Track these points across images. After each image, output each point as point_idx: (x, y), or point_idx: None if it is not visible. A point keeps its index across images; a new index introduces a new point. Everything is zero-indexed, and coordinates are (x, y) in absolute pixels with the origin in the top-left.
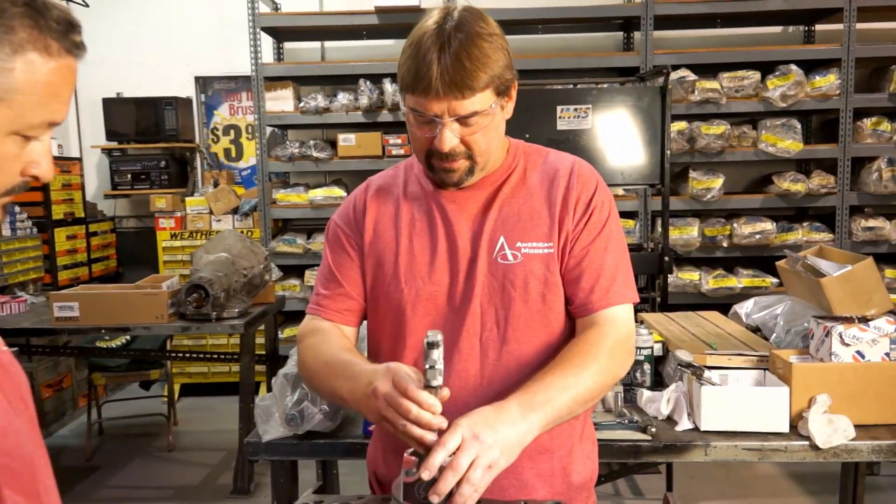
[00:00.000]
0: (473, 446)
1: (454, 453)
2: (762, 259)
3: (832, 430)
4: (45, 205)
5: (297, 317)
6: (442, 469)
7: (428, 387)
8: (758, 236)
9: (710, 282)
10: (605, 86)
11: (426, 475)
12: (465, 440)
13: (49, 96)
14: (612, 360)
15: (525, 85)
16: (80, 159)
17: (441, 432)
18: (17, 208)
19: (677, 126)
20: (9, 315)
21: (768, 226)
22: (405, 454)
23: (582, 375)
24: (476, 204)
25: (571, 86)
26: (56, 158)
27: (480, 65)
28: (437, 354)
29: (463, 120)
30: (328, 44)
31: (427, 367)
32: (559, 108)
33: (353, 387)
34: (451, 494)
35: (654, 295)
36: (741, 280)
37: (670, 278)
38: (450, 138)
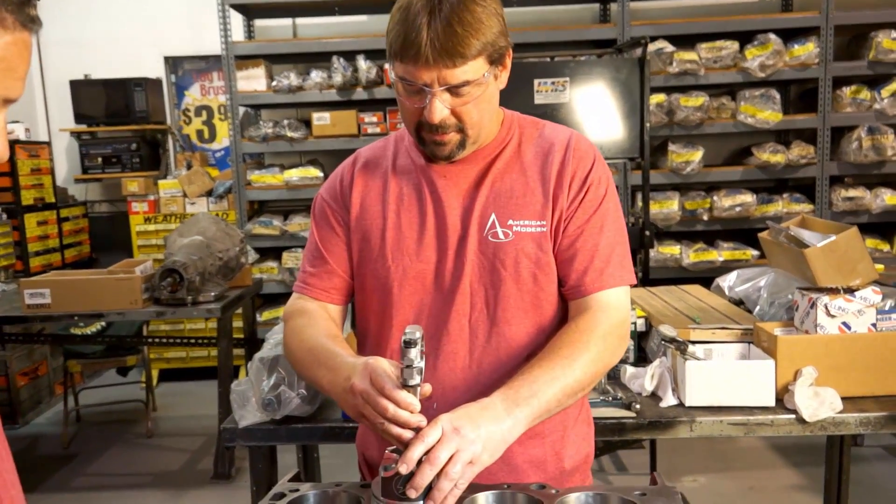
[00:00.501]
0: (454, 440)
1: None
2: (743, 231)
3: (818, 403)
4: (14, 190)
5: (275, 299)
6: (421, 464)
7: (406, 386)
8: (738, 209)
9: (690, 255)
10: (583, 58)
11: (404, 469)
12: (445, 434)
13: (3, 71)
14: (604, 348)
15: None
16: (48, 143)
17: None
18: None
19: (656, 98)
20: None
21: (748, 198)
22: (386, 451)
23: (571, 367)
24: (467, 179)
25: (548, 59)
26: (24, 142)
27: (473, 31)
28: (415, 353)
29: (454, 90)
30: (300, 20)
31: (404, 366)
32: (536, 81)
33: (334, 379)
34: (430, 489)
35: (635, 270)
36: (722, 253)
37: (651, 253)
38: (440, 109)
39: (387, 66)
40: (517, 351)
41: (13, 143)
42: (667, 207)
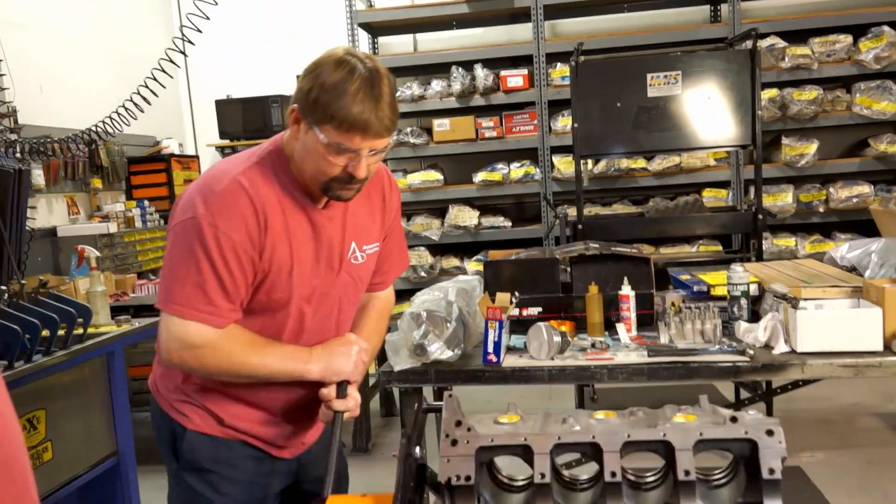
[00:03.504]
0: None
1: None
2: (861, 223)
3: None
4: (170, 199)
5: (399, 294)
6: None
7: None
8: (855, 199)
9: (806, 247)
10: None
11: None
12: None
13: None
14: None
15: (615, 56)
16: (196, 157)
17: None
18: (147, 202)
19: (768, 94)
20: (146, 295)
21: (866, 189)
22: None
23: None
24: (338, 215)
25: (660, 53)
26: (178, 156)
27: (396, 111)
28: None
29: (374, 153)
30: (420, 36)
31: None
32: (649, 75)
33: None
34: None
35: (748, 255)
36: (839, 245)
37: (766, 245)
38: (365, 167)
39: (316, 130)
40: (349, 324)
41: (169, 157)
42: (781, 200)
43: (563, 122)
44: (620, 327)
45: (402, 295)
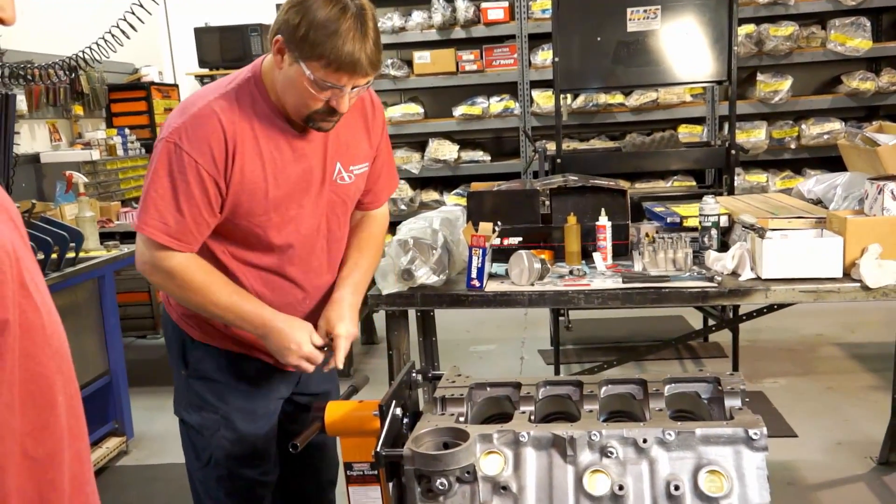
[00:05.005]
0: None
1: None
2: (831, 159)
3: (882, 273)
4: (151, 127)
5: None
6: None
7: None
8: (826, 136)
9: (777, 183)
10: None
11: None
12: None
13: None
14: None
15: None
16: (176, 85)
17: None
18: (127, 130)
19: (745, 29)
20: (130, 222)
21: (837, 125)
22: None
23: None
24: (319, 137)
25: None
26: (158, 84)
27: (381, 49)
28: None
29: (359, 89)
30: None
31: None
32: (629, 10)
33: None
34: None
35: (721, 190)
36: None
37: (738, 181)
38: (348, 102)
39: (302, 65)
40: (342, 246)
41: (149, 85)
42: (754, 136)
43: (543, 56)
44: (597, 256)
45: None
